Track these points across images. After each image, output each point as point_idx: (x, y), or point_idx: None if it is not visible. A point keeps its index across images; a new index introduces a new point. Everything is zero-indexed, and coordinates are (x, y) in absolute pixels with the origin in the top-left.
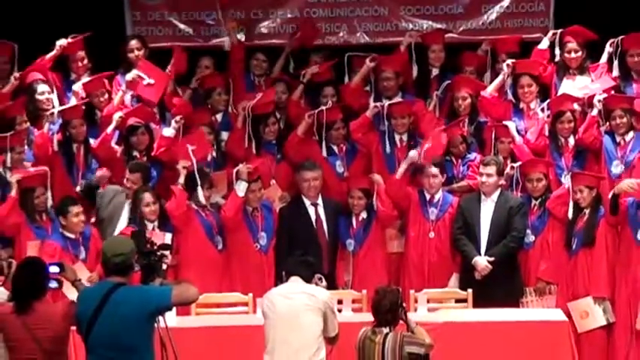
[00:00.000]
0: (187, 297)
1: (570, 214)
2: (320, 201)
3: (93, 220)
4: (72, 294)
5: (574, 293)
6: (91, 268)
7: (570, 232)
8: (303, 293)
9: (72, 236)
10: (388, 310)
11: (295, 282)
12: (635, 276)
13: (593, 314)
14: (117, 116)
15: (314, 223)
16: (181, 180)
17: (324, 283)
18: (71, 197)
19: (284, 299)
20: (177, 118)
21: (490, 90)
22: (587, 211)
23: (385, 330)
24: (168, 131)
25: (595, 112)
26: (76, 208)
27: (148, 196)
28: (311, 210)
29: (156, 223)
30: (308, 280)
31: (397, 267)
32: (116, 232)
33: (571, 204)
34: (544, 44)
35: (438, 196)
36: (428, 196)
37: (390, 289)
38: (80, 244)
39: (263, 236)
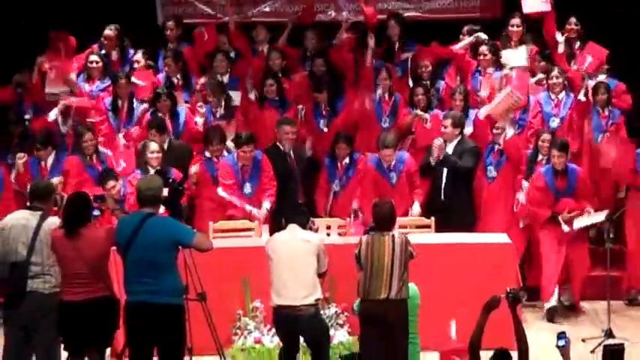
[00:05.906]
0: (205, 246)
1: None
2: (291, 149)
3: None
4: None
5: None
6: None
7: (531, 168)
8: (301, 240)
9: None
10: (388, 216)
11: (293, 229)
12: None
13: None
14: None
15: (291, 164)
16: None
17: (317, 225)
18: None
19: (285, 245)
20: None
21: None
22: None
23: (391, 233)
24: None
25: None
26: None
27: (153, 145)
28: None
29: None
30: (304, 226)
31: None
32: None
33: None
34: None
35: (393, 162)
36: (386, 165)
37: (385, 201)
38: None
39: (248, 186)
